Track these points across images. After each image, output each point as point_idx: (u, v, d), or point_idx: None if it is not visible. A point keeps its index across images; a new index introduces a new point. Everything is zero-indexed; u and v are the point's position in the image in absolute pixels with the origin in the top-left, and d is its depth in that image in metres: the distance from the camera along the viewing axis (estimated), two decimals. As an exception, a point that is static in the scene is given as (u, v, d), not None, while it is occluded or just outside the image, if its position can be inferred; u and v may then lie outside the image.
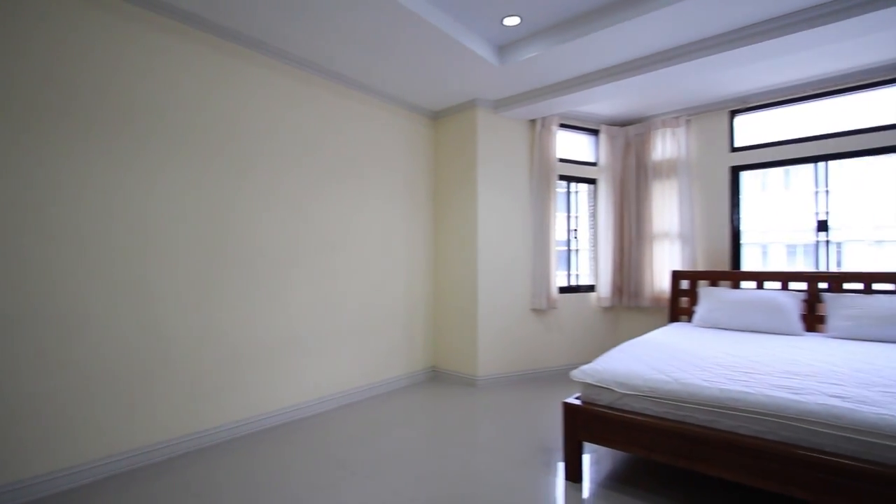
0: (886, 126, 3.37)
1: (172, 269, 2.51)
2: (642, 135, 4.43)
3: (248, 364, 2.86)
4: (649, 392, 1.99)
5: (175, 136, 2.54)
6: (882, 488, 1.48)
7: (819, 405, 1.64)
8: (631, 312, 4.58)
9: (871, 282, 3.21)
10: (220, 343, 2.72)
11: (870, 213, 3.56)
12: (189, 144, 2.60)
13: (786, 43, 2.79)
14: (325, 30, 2.77)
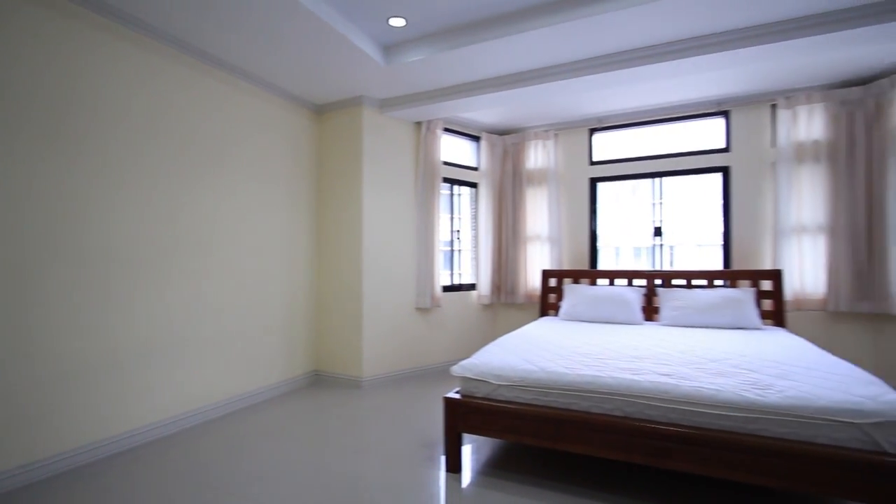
0: (708, 151, 4.13)
1: (-23, 270, 2.03)
2: (518, 144, 4.79)
3: (87, 381, 2.43)
4: (520, 381, 2.16)
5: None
6: (699, 448, 1.80)
7: (651, 383, 1.95)
8: (508, 309, 4.92)
9: (691, 278, 3.90)
10: (43, 359, 2.27)
11: (694, 222, 4.32)
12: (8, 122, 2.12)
13: (632, 74, 3.25)
14: (196, 5, 2.49)
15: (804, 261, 3.66)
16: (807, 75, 3.53)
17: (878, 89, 3.44)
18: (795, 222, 3.69)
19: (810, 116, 3.65)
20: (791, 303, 3.68)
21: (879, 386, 1.80)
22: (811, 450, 1.66)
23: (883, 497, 1.58)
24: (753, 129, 3.97)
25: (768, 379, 1.95)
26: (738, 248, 4.00)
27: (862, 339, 3.63)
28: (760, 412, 1.76)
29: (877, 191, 3.47)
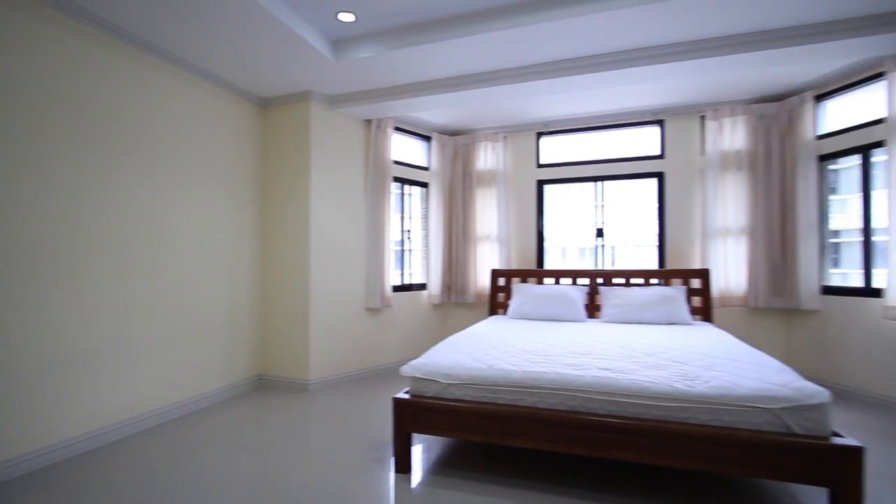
0: (645, 157, 4.38)
1: None
2: (468, 145, 4.85)
3: (2, 393, 2.20)
4: (469, 380, 2.19)
5: None
6: (635, 437, 1.91)
7: (593, 378, 2.04)
8: (458, 308, 4.97)
9: (629, 277, 4.13)
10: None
11: (633, 224, 4.57)
12: None
13: (577, 81, 3.39)
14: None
15: (728, 261, 3.98)
16: (731, 90, 3.83)
17: (790, 105, 3.80)
18: (721, 225, 4.00)
19: (734, 128, 3.97)
20: (717, 299, 3.99)
21: (790, 374, 2.00)
22: (734, 434, 1.80)
23: (790, 473, 1.75)
24: (685, 138, 4.26)
25: (697, 370, 2.11)
26: (671, 248, 4.28)
27: (776, 332, 4.00)
28: (690, 402, 1.89)
29: (788, 196, 3.83)
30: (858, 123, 3.45)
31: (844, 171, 3.77)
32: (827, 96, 3.66)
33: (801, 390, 1.81)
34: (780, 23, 2.79)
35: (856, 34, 2.76)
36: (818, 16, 2.71)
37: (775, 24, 2.82)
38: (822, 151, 3.69)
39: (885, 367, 3.25)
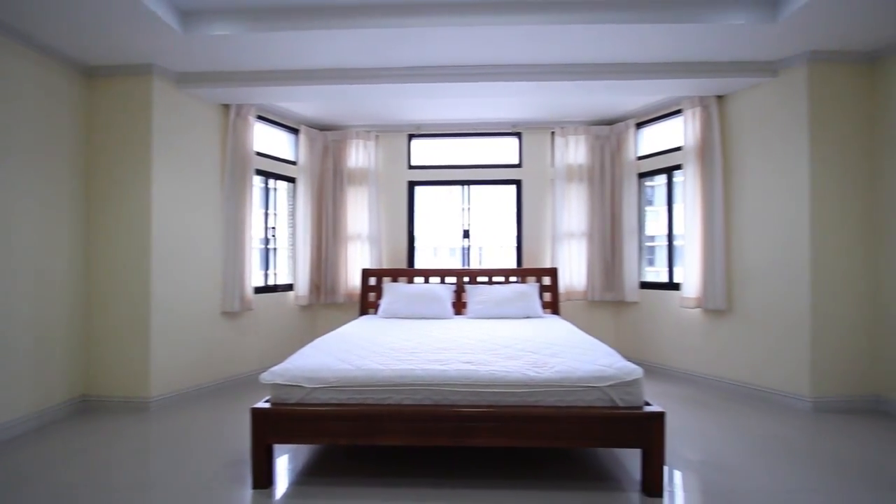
0: (505, 165, 4.77)
1: None
2: (339, 142, 4.73)
3: None
4: (336, 382, 2.14)
5: None
6: (493, 423, 2.07)
7: (456, 371, 2.16)
8: (328, 309, 4.81)
9: (492, 276, 4.46)
10: None
11: (496, 226, 4.94)
12: None
13: (445, 88, 3.55)
14: None
15: (572, 260, 4.55)
16: (575, 112, 4.40)
17: (618, 129, 4.50)
18: (567, 229, 4.55)
19: (577, 145, 4.56)
20: (564, 294, 4.53)
21: (614, 356, 2.37)
22: (572, 412, 2.07)
23: (615, 440, 2.08)
24: (539, 151, 4.75)
25: (545, 358, 2.37)
26: (527, 249, 4.73)
27: (607, 320, 4.70)
28: (538, 386, 2.12)
29: (616, 206, 4.53)
30: (665, 149, 4.24)
31: (658, 187, 4.60)
32: (644, 124, 4.43)
33: (623, 369, 2.16)
34: (612, 59, 3.29)
35: (665, 77, 3.39)
36: (641, 57, 3.26)
37: (609, 60, 3.31)
38: (641, 170, 4.45)
39: (682, 346, 4.06)
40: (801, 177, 3.23)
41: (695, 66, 3.35)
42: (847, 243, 3.22)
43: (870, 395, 3.20)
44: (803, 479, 2.21)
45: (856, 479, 2.19)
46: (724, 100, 3.75)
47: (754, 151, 3.54)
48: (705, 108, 3.76)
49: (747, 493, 2.08)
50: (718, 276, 3.66)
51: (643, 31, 2.86)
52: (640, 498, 2.04)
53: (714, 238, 3.68)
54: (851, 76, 3.23)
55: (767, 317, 3.43)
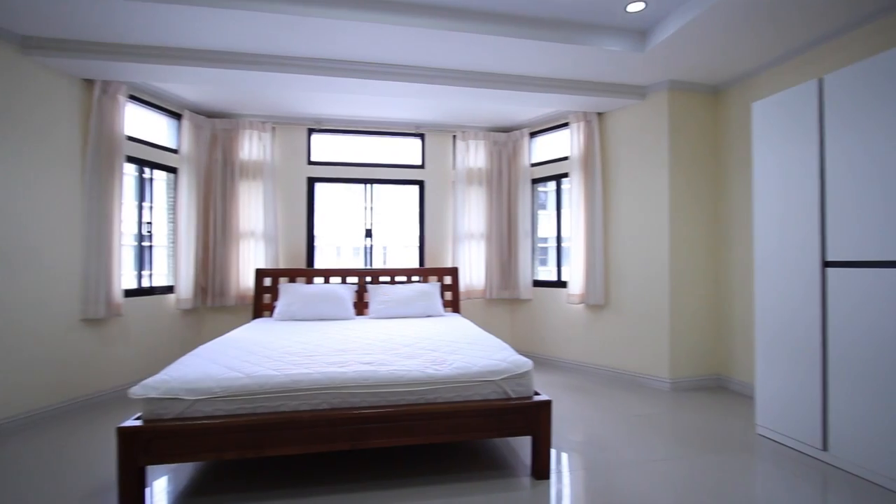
0: (409, 165, 4.79)
1: None
2: (231, 131, 4.37)
3: None
4: (222, 392, 1.98)
5: None
6: (392, 423, 2.07)
7: (355, 372, 2.13)
8: (216, 313, 4.42)
9: (394, 275, 4.46)
10: None
11: (400, 226, 4.94)
12: None
13: (342, 84, 3.46)
14: None
15: (472, 260, 4.73)
16: (476, 117, 4.58)
17: (514, 137, 4.78)
18: (467, 230, 4.72)
19: (477, 149, 4.75)
20: (464, 293, 4.69)
21: (508, 351, 2.51)
22: (469, 406, 2.15)
23: (509, 429, 2.20)
24: (441, 153, 4.86)
25: (444, 355, 2.43)
26: (430, 249, 4.81)
27: (504, 317, 4.97)
28: (437, 383, 2.17)
29: (513, 209, 4.81)
30: (554, 158, 4.60)
31: (550, 192, 4.97)
32: (537, 134, 4.76)
33: (515, 363, 2.30)
34: (508, 70, 3.48)
35: (554, 91, 3.68)
36: (534, 71, 3.50)
37: (505, 71, 3.50)
38: (534, 176, 4.77)
39: (569, 338, 4.44)
40: (662, 188, 3.73)
41: (579, 84, 3.69)
42: (696, 247, 3.78)
43: (713, 375, 3.80)
44: (664, 449, 2.55)
45: (704, 445, 2.59)
46: (604, 116, 4.19)
47: (627, 164, 4.00)
48: (588, 123, 4.15)
49: (620, 466, 2.34)
50: (598, 274, 4.07)
51: (536, 48, 3.08)
52: (531, 481, 2.19)
53: (595, 241, 4.08)
54: (701, 104, 3.81)
55: (637, 310, 3.90)
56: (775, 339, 2.63)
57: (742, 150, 3.59)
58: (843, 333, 2.26)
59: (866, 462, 2.16)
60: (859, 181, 2.19)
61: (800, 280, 2.48)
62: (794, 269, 2.52)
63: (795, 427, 2.51)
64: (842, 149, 2.27)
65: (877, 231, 2.12)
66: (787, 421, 2.56)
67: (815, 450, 2.41)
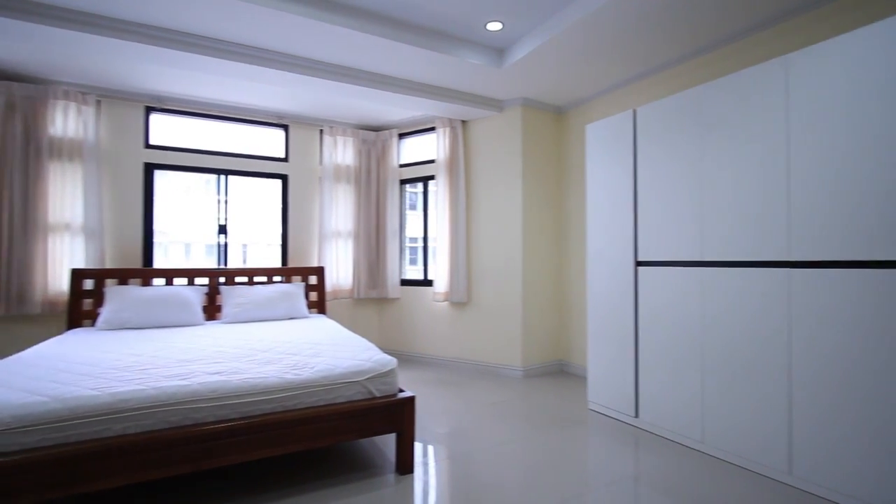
0: (271, 157, 4.46)
1: None
2: (36, 99, 3.56)
3: None
4: (16, 422, 1.60)
5: None
6: (247, 436, 1.91)
7: (201, 384, 1.91)
8: (15, 324, 3.56)
9: (253, 275, 4.12)
10: None
11: (261, 222, 4.56)
12: None
13: (191, 60, 3.09)
14: None
15: (339, 259, 4.61)
16: (344, 113, 4.47)
17: (383, 137, 4.80)
18: (334, 228, 4.59)
19: (345, 146, 4.64)
20: (330, 293, 4.55)
21: (373, 350, 2.51)
22: (332, 409, 2.10)
23: (374, 428, 2.20)
24: (307, 147, 4.64)
25: (306, 359, 2.33)
26: (293, 247, 4.56)
27: (372, 317, 4.95)
28: (298, 389, 2.07)
29: (381, 209, 4.82)
30: (422, 160, 4.74)
31: (419, 193, 5.09)
32: (406, 135, 4.84)
33: (379, 362, 2.31)
34: (377, 69, 3.48)
35: (421, 95, 3.78)
36: (402, 73, 3.55)
37: (374, 69, 3.49)
38: (403, 177, 4.85)
39: (435, 335, 4.61)
40: (516, 194, 4.11)
41: (444, 91, 3.86)
42: (543, 247, 4.25)
43: (557, 360, 4.31)
44: (516, 431, 2.81)
45: (547, 423, 2.92)
46: (468, 124, 4.45)
47: (487, 171, 4.31)
48: (453, 129, 4.37)
49: (479, 451, 2.51)
50: (461, 273, 4.30)
51: (403, 51, 3.13)
52: (396, 477, 2.22)
53: (459, 241, 4.31)
54: (549, 121, 4.29)
55: (495, 306, 4.23)
56: (602, 327, 3.09)
57: (579, 165, 4.15)
58: (648, 320, 2.77)
59: (665, 424, 2.68)
60: (657, 195, 2.71)
61: (620, 276, 2.96)
62: (615, 267, 2.99)
63: (616, 400, 2.99)
64: (647, 169, 2.78)
65: (669, 237, 2.64)
66: (611, 396, 3.03)
67: (630, 417, 2.90)
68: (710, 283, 2.44)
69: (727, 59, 3.00)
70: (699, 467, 2.32)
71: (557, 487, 2.13)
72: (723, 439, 2.38)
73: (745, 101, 2.29)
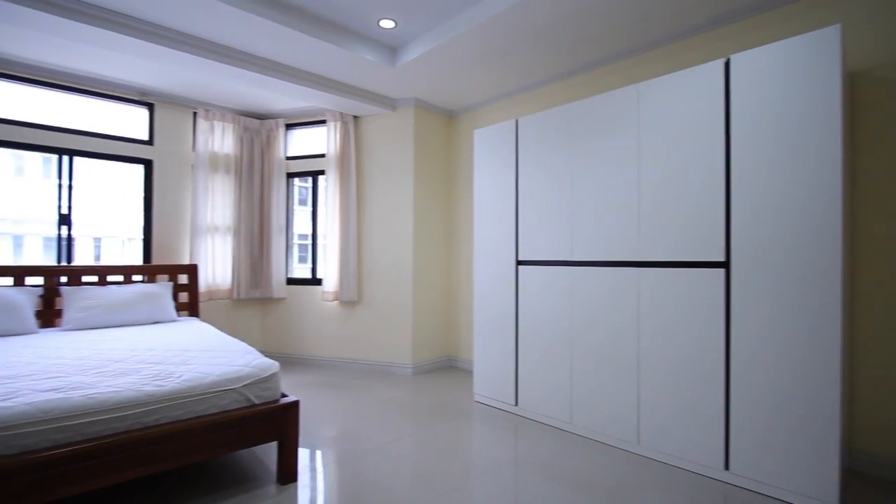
0: (131, 139, 3.88)
1: None
2: None
3: None
4: None
5: None
6: (93, 460, 1.64)
7: (28, 405, 1.60)
8: None
9: (105, 275, 3.56)
10: None
11: (116, 213, 3.95)
12: None
13: (36, 18, 2.58)
14: None
15: (216, 257, 4.21)
16: (223, 97, 4.08)
17: (269, 126, 4.49)
18: (210, 222, 4.17)
19: (224, 132, 4.25)
20: (204, 294, 4.13)
21: (253, 354, 2.34)
22: (202, 422, 1.91)
23: (253, 439, 2.05)
24: (177, 130, 4.15)
25: (171, 368, 2.09)
26: (159, 243, 4.04)
27: (255, 319, 4.61)
28: (160, 402, 1.84)
29: (266, 203, 4.51)
30: (312, 154, 4.54)
31: (308, 188, 4.86)
32: (294, 126, 4.59)
33: (259, 366, 2.16)
34: (263, 53, 3.24)
35: (312, 86, 3.61)
36: (292, 61, 3.35)
37: (260, 53, 3.24)
38: (290, 170, 4.59)
39: (324, 335, 4.44)
40: (408, 194, 4.15)
41: (336, 84, 3.74)
42: (434, 246, 4.36)
43: (446, 356, 4.45)
44: (405, 427, 2.83)
45: (435, 417, 3.00)
46: (360, 120, 4.36)
47: (379, 169, 4.28)
48: (345, 124, 4.25)
49: (368, 452, 2.48)
50: (352, 272, 4.22)
51: (293, 37, 2.96)
52: (276, 488, 2.10)
53: (349, 239, 4.21)
54: (440, 124, 4.40)
55: (386, 305, 4.22)
56: (487, 322, 3.27)
57: (469, 168, 4.33)
58: (527, 315, 3.00)
59: (541, 409, 2.92)
60: (535, 200, 2.94)
61: (503, 275, 3.16)
62: (499, 266, 3.18)
63: (499, 391, 3.18)
64: (527, 175, 3.00)
65: (545, 239, 2.89)
66: (494, 387, 3.22)
67: (511, 406, 3.11)
68: (578, 281, 2.72)
69: (597, 81, 3.37)
70: (568, 446, 2.57)
71: (443, 478, 2.20)
72: (587, 420, 2.67)
73: (606, 121, 2.60)
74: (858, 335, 2.25)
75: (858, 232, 2.27)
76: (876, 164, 2.22)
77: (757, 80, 2.06)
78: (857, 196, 2.28)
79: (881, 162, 2.21)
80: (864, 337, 2.24)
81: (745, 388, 2.07)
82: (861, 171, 2.27)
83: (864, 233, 2.25)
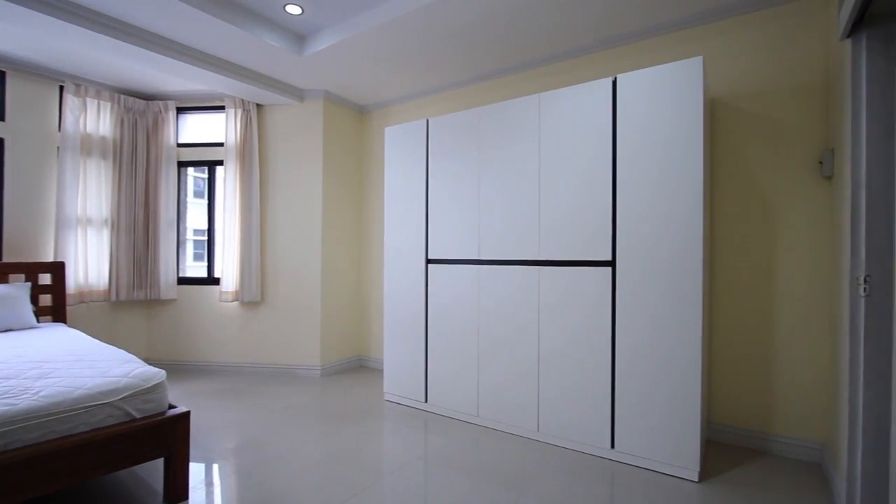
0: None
1: None
2: None
3: None
4: None
5: None
6: None
7: None
8: None
9: (-64, 274, 2.95)
10: None
11: (-57, 200, 3.28)
12: None
13: None
14: None
15: (89, 253, 3.69)
16: (99, 70, 3.58)
17: (156, 108, 4.04)
18: (81, 214, 3.64)
19: (100, 112, 3.74)
20: (74, 296, 3.60)
21: (134, 363, 2.10)
22: (68, 442, 1.66)
23: (133, 457, 1.83)
24: (39, 106, 3.56)
25: (27, 383, 1.79)
26: (11, 237, 3.44)
27: (138, 323, 4.13)
28: (10, 423, 1.57)
29: (152, 193, 4.05)
30: (208, 142, 4.17)
31: (205, 180, 4.45)
32: (187, 111, 4.18)
33: (140, 376, 1.94)
34: (149, 26, 2.90)
35: (208, 68, 3.31)
36: (184, 38, 3.04)
37: (144, 25, 2.89)
38: (182, 158, 4.17)
39: (222, 339, 4.11)
40: (316, 189, 3.99)
41: (237, 68, 3.47)
42: (344, 244, 4.25)
43: (356, 356, 4.36)
44: (312, 432, 2.72)
45: (345, 419, 2.92)
46: (264, 109, 4.10)
47: (285, 162, 4.06)
48: (247, 112, 3.97)
49: (271, 459, 2.35)
50: (254, 270, 3.95)
51: (186, 12, 2.69)
52: (161, 510, 1.90)
53: (251, 235, 3.94)
54: (351, 119, 4.30)
55: (292, 305, 4.03)
56: (397, 320, 3.26)
57: (380, 166, 4.28)
58: (436, 312, 3.05)
59: (449, 405, 2.99)
60: (445, 199, 3.00)
61: (413, 273, 3.17)
62: (409, 264, 3.19)
63: (409, 389, 3.20)
64: (437, 175, 3.05)
65: (454, 238, 2.96)
66: (404, 386, 3.22)
67: (420, 403, 3.14)
68: (484, 279, 2.83)
69: (507, 87, 3.52)
70: (474, 438, 2.67)
71: (351, 480, 2.16)
72: (492, 412, 2.79)
73: (511, 126, 2.73)
74: (715, 321, 2.63)
75: (717, 233, 2.64)
76: (728, 175, 2.61)
77: (636, 99, 2.31)
78: (715, 201, 2.65)
79: (732, 174, 2.60)
80: (720, 324, 2.61)
81: (627, 373, 2.31)
82: (717, 181, 2.64)
83: (721, 234, 2.63)
